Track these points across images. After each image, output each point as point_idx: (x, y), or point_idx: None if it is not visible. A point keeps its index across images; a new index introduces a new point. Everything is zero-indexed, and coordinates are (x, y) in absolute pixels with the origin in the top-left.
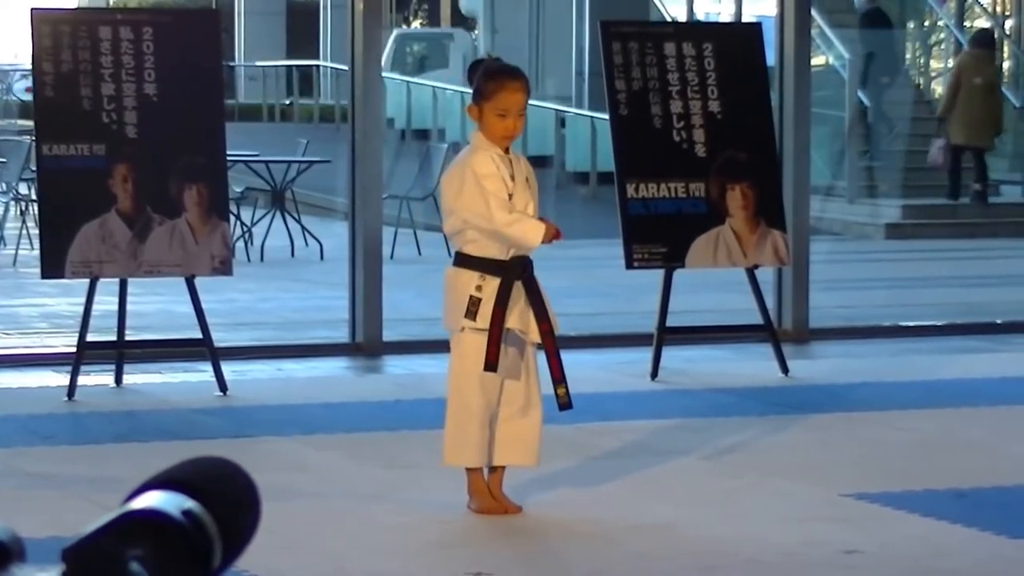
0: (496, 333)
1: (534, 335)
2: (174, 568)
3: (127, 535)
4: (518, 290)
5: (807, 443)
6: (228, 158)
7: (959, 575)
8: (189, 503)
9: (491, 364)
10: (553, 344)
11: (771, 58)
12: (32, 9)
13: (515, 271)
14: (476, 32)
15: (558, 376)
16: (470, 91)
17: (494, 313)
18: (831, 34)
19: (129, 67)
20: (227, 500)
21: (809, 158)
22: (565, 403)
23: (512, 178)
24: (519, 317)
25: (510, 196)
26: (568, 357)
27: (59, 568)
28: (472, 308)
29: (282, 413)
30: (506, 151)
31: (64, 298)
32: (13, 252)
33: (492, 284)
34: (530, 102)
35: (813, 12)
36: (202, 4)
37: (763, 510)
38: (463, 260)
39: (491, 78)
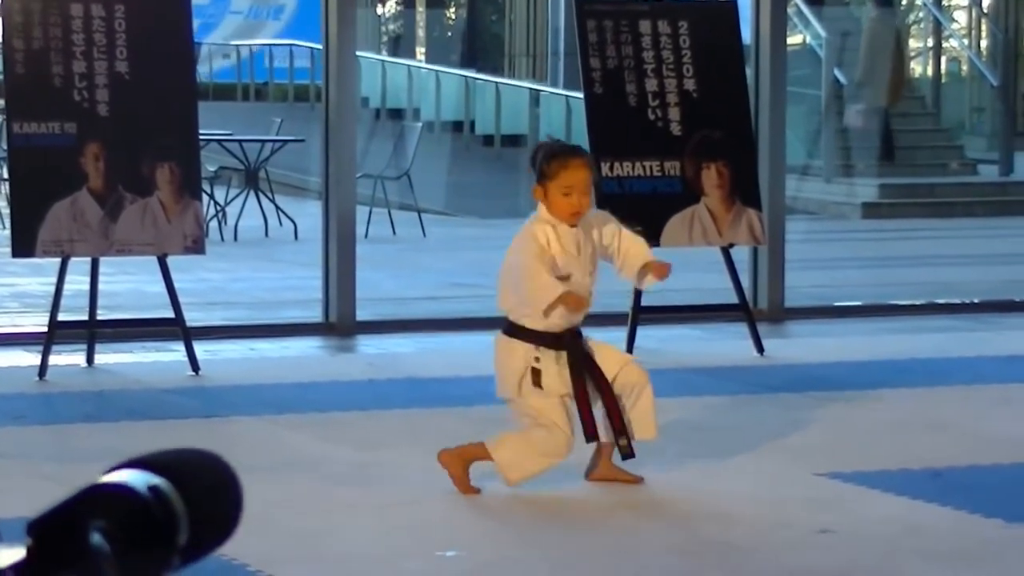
0: (586, 407)
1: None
2: (136, 540)
3: (92, 507)
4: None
5: (781, 423)
6: (201, 137)
7: (934, 554)
8: (157, 480)
9: (591, 436)
10: (613, 400)
11: (747, 36)
12: None
13: (569, 342)
14: None
15: (619, 427)
16: (448, 71)
17: (575, 386)
18: (808, 12)
19: (101, 45)
20: (201, 485)
21: (785, 137)
22: (628, 453)
23: (577, 251)
24: (565, 383)
25: (567, 275)
26: None
27: (25, 543)
28: (536, 379)
29: (254, 393)
30: (573, 225)
31: (35, 277)
32: None
33: (548, 355)
34: (507, 80)
35: None
36: None
37: (737, 489)
38: (518, 331)
39: (553, 158)
